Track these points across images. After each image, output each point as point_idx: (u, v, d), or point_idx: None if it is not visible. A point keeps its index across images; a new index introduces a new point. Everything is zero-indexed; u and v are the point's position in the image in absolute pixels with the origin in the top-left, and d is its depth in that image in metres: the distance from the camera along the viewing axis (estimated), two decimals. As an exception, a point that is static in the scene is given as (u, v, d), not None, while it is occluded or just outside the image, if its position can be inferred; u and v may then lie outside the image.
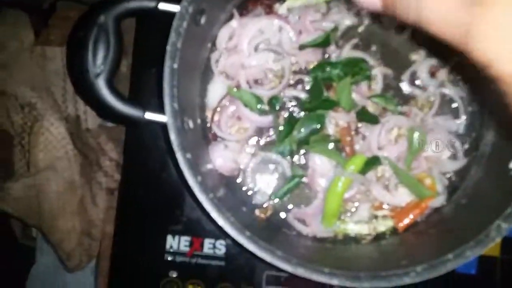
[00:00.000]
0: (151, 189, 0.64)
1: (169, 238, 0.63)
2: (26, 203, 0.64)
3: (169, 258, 0.63)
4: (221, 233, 0.62)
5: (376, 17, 0.60)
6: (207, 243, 0.63)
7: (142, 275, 0.64)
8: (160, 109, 0.49)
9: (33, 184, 0.63)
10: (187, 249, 0.63)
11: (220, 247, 0.63)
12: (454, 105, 0.61)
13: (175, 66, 0.45)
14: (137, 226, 0.64)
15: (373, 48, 0.61)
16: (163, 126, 0.47)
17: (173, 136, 0.45)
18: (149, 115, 0.50)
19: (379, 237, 0.60)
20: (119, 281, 0.65)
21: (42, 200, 0.64)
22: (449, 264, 0.46)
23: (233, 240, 0.47)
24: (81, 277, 0.76)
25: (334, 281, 0.46)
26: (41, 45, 0.65)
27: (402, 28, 0.60)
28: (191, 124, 0.52)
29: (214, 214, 0.46)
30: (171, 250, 0.63)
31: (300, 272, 0.46)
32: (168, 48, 0.45)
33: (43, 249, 0.79)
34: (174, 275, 0.63)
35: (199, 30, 0.51)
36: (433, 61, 0.60)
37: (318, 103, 0.58)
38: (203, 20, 0.51)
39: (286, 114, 0.60)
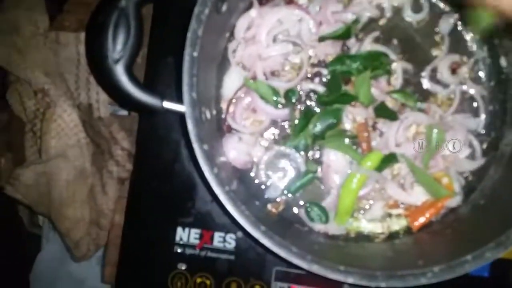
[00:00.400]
0: (162, 180, 0.63)
1: (179, 230, 0.62)
2: (36, 190, 0.63)
3: (179, 250, 0.62)
4: (232, 227, 0.61)
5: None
6: (217, 236, 0.62)
7: (150, 267, 0.63)
8: (176, 100, 0.47)
9: (44, 171, 0.62)
10: (197, 241, 0.62)
11: (230, 241, 0.62)
12: (474, 103, 0.59)
13: (195, 54, 0.43)
14: (147, 216, 0.64)
15: (394, 42, 0.60)
16: (180, 116, 0.45)
17: (190, 126, 0.44)
18: (167, 104, 0.49)
19: (392, 236, 0.59)
20: (128, 272, 0.64)
21: (52, 188, 0.63)
22: (467, 265, 0.46)
23: (244, 234, 0.46)
24: (87, 266, 0.76)
25: (350, 280, 0.45)
26: (55, 31, 0.64)
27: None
28: (208, 115, 0.51)
29: (230, 208, 0.45)
30: (181, 242, 0.62)
31: (315, 269, 0.45)
32: (189, 35, 0.44)
33: (49, 237, 0.79)
34: (183, 267, 0.62)
35: (219, 18, 0.50)
36: (454, 57, 0.59)
37: (335, 97, 0.57)
38: (224, 7, 0.50)
39: (302, 108, 0.59)
